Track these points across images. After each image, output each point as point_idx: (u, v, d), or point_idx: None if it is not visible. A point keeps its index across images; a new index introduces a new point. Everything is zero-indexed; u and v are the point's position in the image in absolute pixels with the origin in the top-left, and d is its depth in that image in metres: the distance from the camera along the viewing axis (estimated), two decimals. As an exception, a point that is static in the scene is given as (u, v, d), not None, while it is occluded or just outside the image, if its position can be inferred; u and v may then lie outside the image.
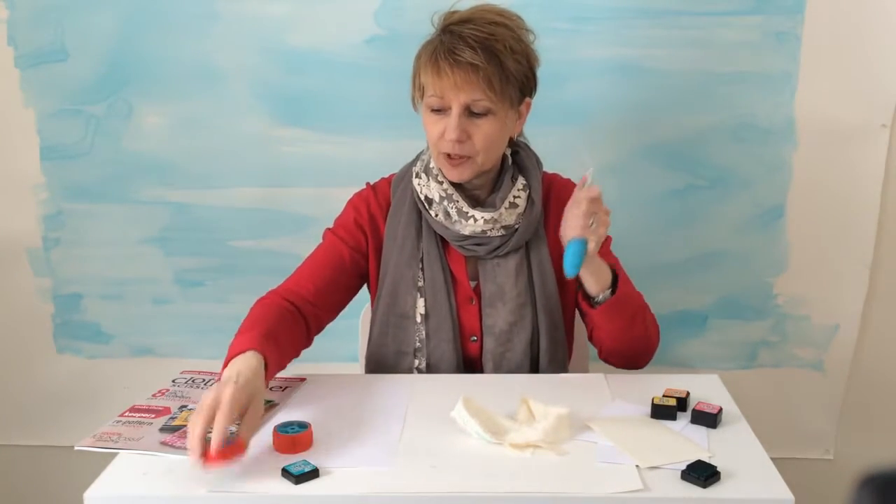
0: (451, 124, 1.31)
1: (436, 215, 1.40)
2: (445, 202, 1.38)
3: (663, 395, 1.21)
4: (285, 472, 1.03)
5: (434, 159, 1.39)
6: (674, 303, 1.91)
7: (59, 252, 1.95)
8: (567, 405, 1.13)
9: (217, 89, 1.82)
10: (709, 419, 1.16)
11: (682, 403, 1.19)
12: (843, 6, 1.72)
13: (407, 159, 1.48)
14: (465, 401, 1.13)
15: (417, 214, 1.43)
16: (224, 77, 1.81)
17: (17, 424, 2.06)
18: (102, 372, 2.01)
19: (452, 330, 1.41)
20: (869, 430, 1.98)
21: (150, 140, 1.85)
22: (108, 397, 1.96)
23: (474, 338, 1.43)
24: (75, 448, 1.13)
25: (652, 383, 1.27)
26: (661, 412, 1.18)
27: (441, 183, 1.38)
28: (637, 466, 1.05)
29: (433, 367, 1.42)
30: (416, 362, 1.42)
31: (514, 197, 1.39)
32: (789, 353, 1.94)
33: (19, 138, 1.87)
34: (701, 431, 1.15)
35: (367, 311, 1.55)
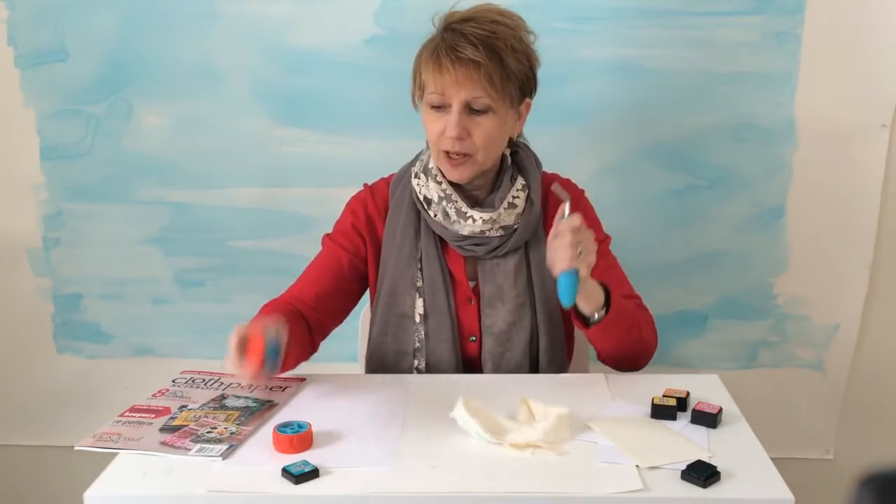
0: (452, 121, 1.31)
1: (434, 215, 1.40)
2: (444, 202, 1.38)
3: (663, 395, 1.21)
4: (285, 472, 1.03)
5: (434, 158, 1.38)
6: (674, 303, 1.91)
7: (59, 252, 1.95)
8: (567, 405, 1.13)
9: (217, 89, 1.82)
10: (709, 419, 1.16)
11: (682, 403, 1.19)
12: (843, 6, 1.72)
13: (407, 159, 1.48)
14: (465, 401, 1.13)
15: (416, 215, 1.43)
16: (224, 77, 1.81)
17: (18, 424, 2.06)
18: (102, 372, 2.01)
19: (451, 330, 1.41)
20: (869, 430, 1.98)
21: (150, 140, 1.85)
22: (108, 397, 1.96)
23: (473, 338, 1.43)
24: (75, 448, 1.13)
25: (652, 383, 1.27)
26: (661, 412, 1.18)
27: (440, 183, 1.38)
28: (637, 466, 1.05)
29: (432, 367, 1.42)
30: (416, 362, 1.42)
31: (513, 197, 1.39)
32: (789, 353, 1.94)
33: (19, 138, 1.87)
34: (701, 431, 1.15)
35: (367, 312, 1.55)
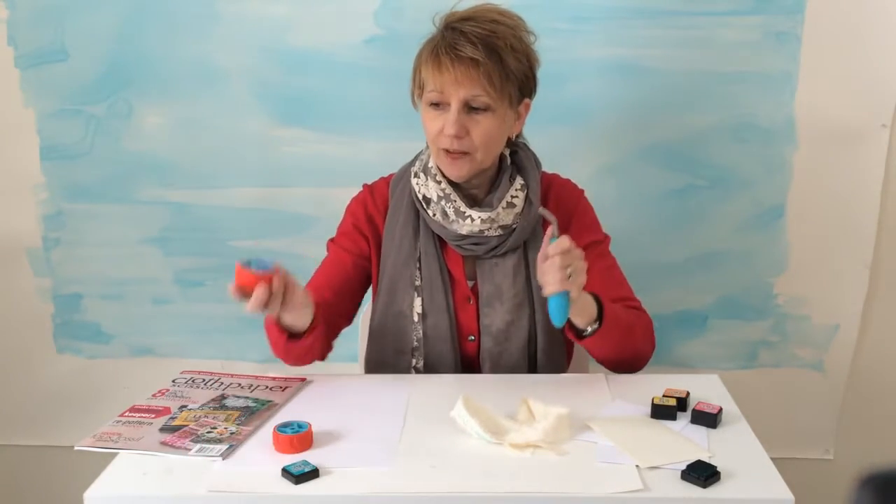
0: (451, 119, 1.31)
1: (433, 215, 1.40)
2: (443, 202, 1.38)
3: (663, 395, 1.20)
4: (285, 472, 1.03)
5: (433, 156, 1.38)
6: (674, 303, 1.91)
7: (59, 252, 1.95)
8: (567, 405, 1.12)
9: (217, 89, 1.82)
10: (709, 419, 1.16)
11: (682, 403, 1.19)
12: (843, 6, 1.72)
13: (406, 159, 1.48)
14: (464, 401, 1.13)
15: (415, 214, 1.43)
16: (224, 77, 1.81)
17: (18, 424, 2.06)
18: (102, 372, 2.01)
19: (450, 329, 1.41)
20: (869, 430, 1.98)
21: (150, 140, 1.85)
22: (108, 397, 1.96)
23: (472, 337, 1.43)
24: (75, 448, 1.13)
25: (652, 383, 1.27)
26: (661, 412, 1.18)
27: (439, 182, 1.38)
28: (637, 466, 1.05)
29: (431, 366, 1.42)
30: (414, 361, 1.42)
31: (512, 197, 1.39)
32: (789, 353, 1.94)
33: (19, 138, 1.87)
34: (701, 431, 1.15)
35: (367, 312, 1.55)
